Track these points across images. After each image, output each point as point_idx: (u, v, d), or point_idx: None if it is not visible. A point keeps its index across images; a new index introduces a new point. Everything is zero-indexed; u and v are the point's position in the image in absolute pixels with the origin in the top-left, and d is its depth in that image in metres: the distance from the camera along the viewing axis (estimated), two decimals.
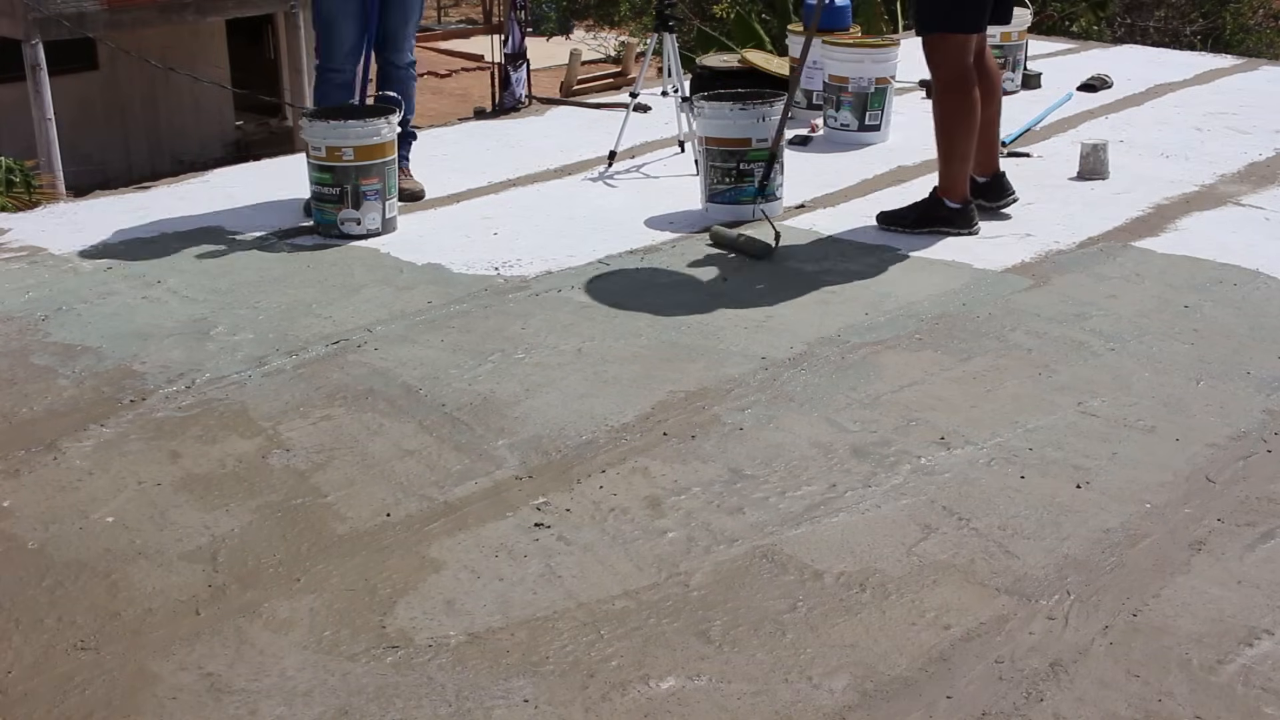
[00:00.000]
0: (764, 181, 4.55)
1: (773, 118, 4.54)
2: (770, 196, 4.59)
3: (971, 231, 4.37)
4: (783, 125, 4.55)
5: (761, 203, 4.54)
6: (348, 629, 2.31)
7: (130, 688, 2.16)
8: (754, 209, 4.53)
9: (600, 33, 22.25)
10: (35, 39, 13.70)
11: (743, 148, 4.53)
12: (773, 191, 4.60)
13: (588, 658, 2.22)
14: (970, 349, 3.45)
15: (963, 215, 4.38)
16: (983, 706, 2.09)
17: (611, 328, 3.62)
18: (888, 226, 4.44)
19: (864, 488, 2.76)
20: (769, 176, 4.56)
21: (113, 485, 2.81)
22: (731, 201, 4.57)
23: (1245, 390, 3.19)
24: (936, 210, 4.38)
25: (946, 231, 4.36)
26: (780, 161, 4.62)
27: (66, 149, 14.23)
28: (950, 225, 4.36)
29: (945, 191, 4.37)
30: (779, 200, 4.66)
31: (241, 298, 3.90)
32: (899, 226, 4.41)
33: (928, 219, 4.38)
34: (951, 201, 4.37)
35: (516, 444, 2.97)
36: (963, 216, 4.37)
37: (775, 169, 4.58)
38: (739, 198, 4.56)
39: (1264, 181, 4.93)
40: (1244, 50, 12.02)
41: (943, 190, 4.38)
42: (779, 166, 4.62)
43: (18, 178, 8.64)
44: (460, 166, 5.35)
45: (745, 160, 4.54)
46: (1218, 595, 2.37)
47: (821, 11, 5.07)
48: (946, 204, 4.37)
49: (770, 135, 4.53)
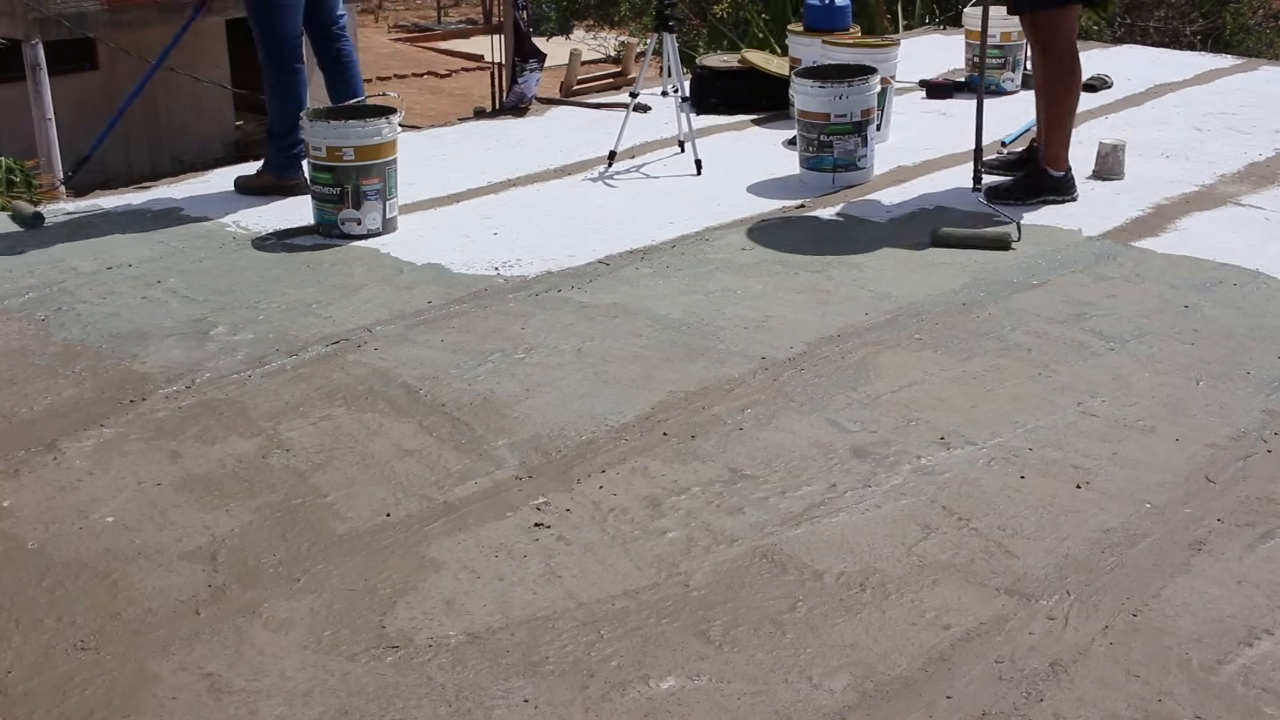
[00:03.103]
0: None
1: (850, 96, 4.89)
2: (850, 166, 4.96)
3: (1073, 198, 4.63)
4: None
5: (840, 172, 4.96)
6: (347, 629, 2.31)
7: (130, 688, 2.16)
8: (832, 177, 4.95)
9: (600, 33, 22.24)
10: (35, 39, 13.70)
11: (822, 121, 4.92)
12: (853, 162, 4.96)
13: (588, 658, 2.22)
14: (970, 349, 3.45)
15: (1065, 182, 4.63)
16: (983, 706, 2.09)
17: (611, 328, 3.62)
18: (1000, 202, 4.61)
19: (864, 488, 2.76)
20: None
21: (113, 485, 2.81)
22: (815, 168, 5.00)
23: (1245, 390, 3.19)
24: (1043, 180, 4.62)
25: (1052, 200, 4.60)
26: (865, 135, 4.97)
27: (66, 149, 14.23)
28: (1056, 193, 4.62)
29: (1050, 161, 4.63)
30: (861, 170, 5.00)
31: (241, 298, 3.90)
32: (1012, 200, 4.60)
33: (1037, 189, 4.62)
34: (1055, 170, 4.62)
35: (516, 444, 2.97)
36: (1065, 184, 4.63)
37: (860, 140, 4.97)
38: (820, 165, 4.98)
39: (1264, 181, 4.93)
40: (1244, 50, 12.01)
41: (1048, 160, 4.63)
42: (861, 139, 4.96)
43: (18, 177, 8.63)
44: (460, 166, 5.34)
45: (825, 133, 4.93)
46: (1218, 595, 2.37)
47: (822, 11, 5.15)
48: (1051, 173, 4.62)
49: (851, 113, 4.90)
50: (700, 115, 6.03)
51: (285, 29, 4.66)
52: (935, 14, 9.77)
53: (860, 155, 4.98)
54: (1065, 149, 4.61)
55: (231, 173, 5.31)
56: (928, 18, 9.70)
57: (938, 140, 5.55)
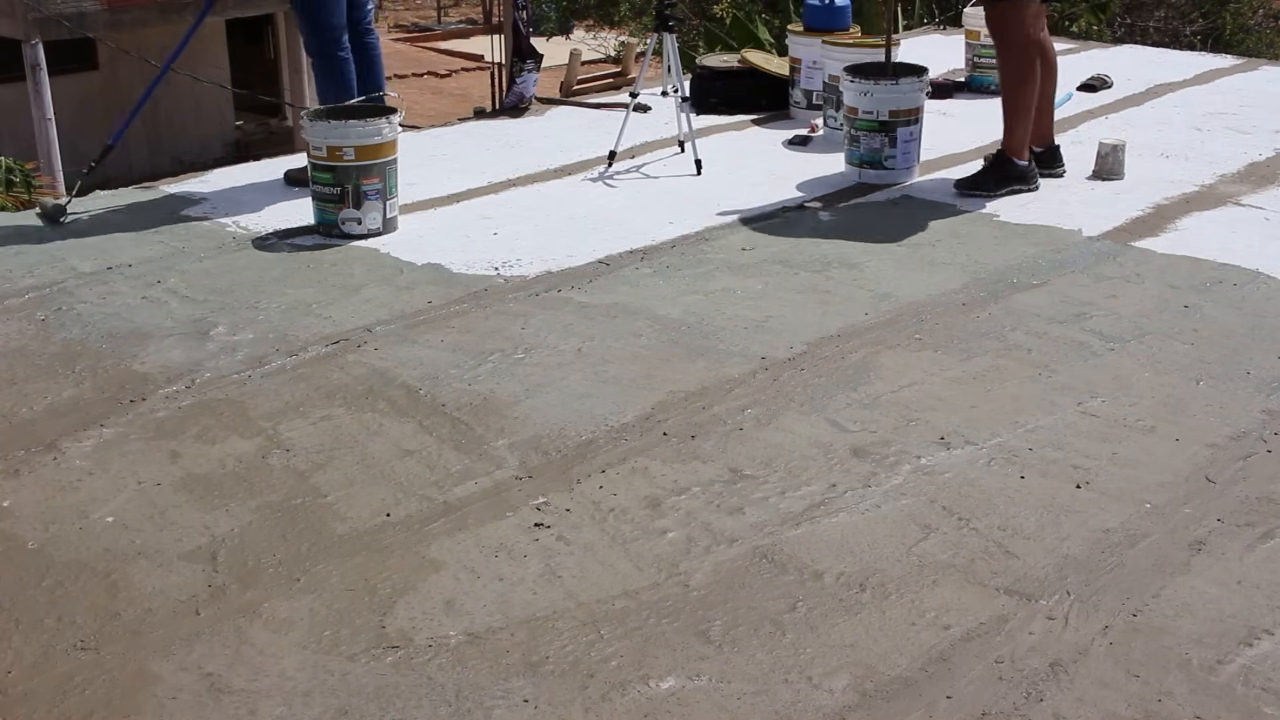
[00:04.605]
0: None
1: (877, 94, 4.93)
2: (876, 164, 5.01)
3: (1034, 187, 4.76)
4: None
5: (866, 168, 5.03)
6: (347, 629, 2.31)
7: (130, 688, 2.16)
8: (859, 172, 5.05)
9: (600, 33, 22.25)
10: (35, 39, 13.70)
11: (852, 115, 5.04)
12: (879, 160, 5.00)
13: (588, 658, 2.22)
14: (970, 349, 3.45)
15: (1028, 172, 4.76)
16: (983, 706, 2.09)
17: (611, 328, 3.62)
18: (969, 192, 4.74)
19: (864, 488, 2.76)
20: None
21: (113, 485, 2.81)
22: (849, 161, 5.13)
23: (1245, 390, 3.19)
24: (1011, 170, 4.74)
25: (1019, 189, 4.73)
26: (892, 136, 4.97)
27: (66, 149, 14.23)
28: (1022, 182, 4.74)
29: (1012, 150, 4.72)
30: (888, 170, 5.02)
31: (241, 298, 3.90)
32: (981, 191, 4.74)
33: (1006, 179, 4.74)
34: (1019, 159, 4.74)
35: (516, 444, 2.97)
36: (1028, 173, 4.76)
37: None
38: (850, 159, 5.10)
39: (1264, 181, 4.93)
40: (1244, 50, 12.01)
41: (1009, 149, 4.72)
42: (889, 140, 4.97)
43: (18, 178, 8.63)
44: (460, 166, 5.34)
45: (855, 127, 5.03)
46: (1218, 595, 2.37)
47: (822, 12, 5.18)
48: (1016, 162, 4.73)
49: (878, 111, 4.94)
50: (700, 115, 6.03)
51: (330, 19, 4.80)
52: (935, 14, 9.77)
53: (887, 156, 5.00)
54: (1026, 139, 4.72)
55: (232, 173, 5.31)
56: (927, 18, 9.70)
57: (938, 140, 5.54)
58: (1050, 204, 4.69)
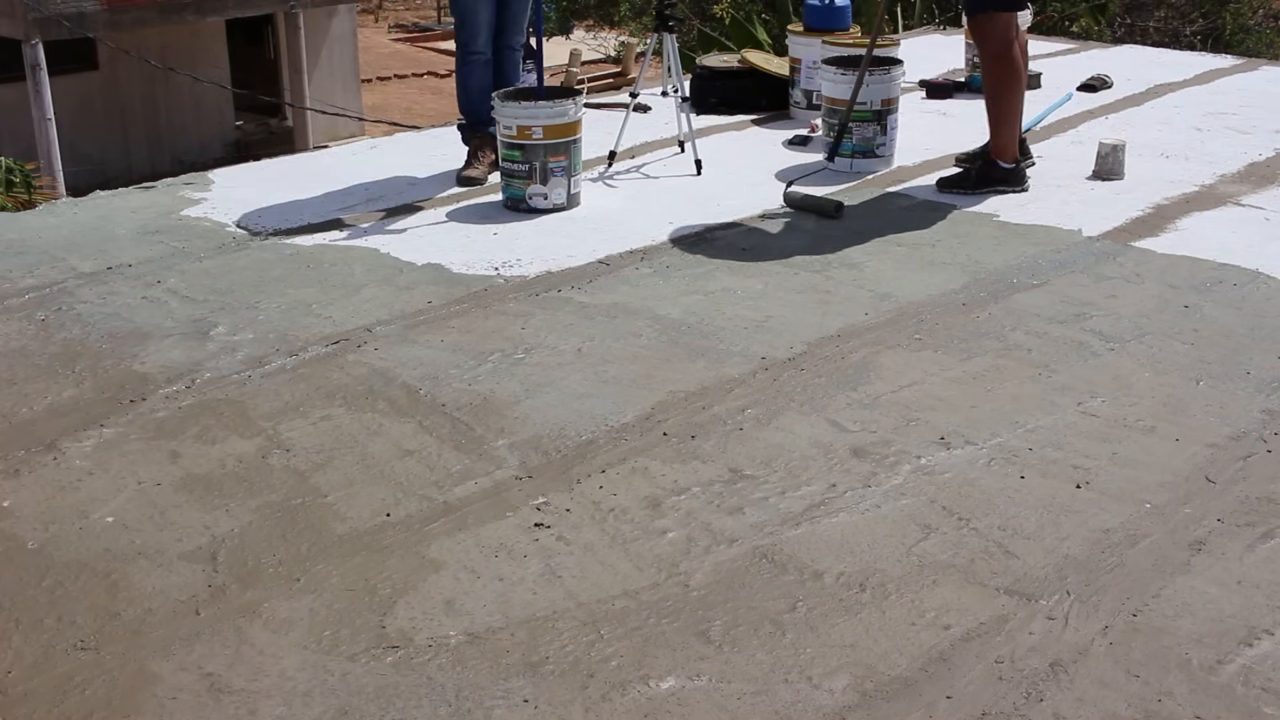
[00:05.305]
0: (833, 153, 5.15)
1: (871, 85, 5.03)
2: (868, 153, 5.14)
3: (1023, 189, 4.81)
4: (855, 94, 5.05)
5: (858, 158, 5.14)
6: (347, 629, 2.31)
7: (130, 688, 2.16)
8: (851, 162, 5.15)
9: (600, 33, 22.25)
10: (35, 39, 13.70)
11: (841, 106, 5.13)
12: (872, 149, 5.14)
13: (588, 658, 2.22)
14: (970, 349, 3.45)
15: (1015, 174, 4.81)
16: (983, 706, 2.09)
17: (611, 328, 3.62)
18: (949, 190, 4.81)
19: (864, 488, 2.76)
20: (838, 146, 5.14)
21: (113, 485, 2.81)
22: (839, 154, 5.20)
23: (1245, 390, 3.19)
24: (992, 171, 4.79)
25: (1003, 190, 4.78)
26: (883, 124, 5.15)
27: (66, 149, 14.24)
28: (1005, 184, 4.80)
29: (999, 153, 4.79)
30: (880, 158, 5.18)
31: (241, 298, 3.90)
32: (960, 190, 4.80)
33: (986, 180, 4.80)
34: (1004, 162, 4.79)
35: (516, 444, 2.97)
36: (1015, 175, 4.81)
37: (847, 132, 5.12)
38: (842, 150, 5.16)
39: (1264, 181, 4.93)
40: (1244, 50, 12.01)
41: (996, 152, 4.79)
42: (880, 128, 5.15)
43: (17, 178, 8.64)
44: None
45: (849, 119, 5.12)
46: (1218, 595, 2.37)
47: (822, 12, 5.23)
48: (1000, 165, 4.79)
49: (871, 101, 5.09)
50: (700, 115, 6.04)
51: (468, 18, 5.03)
52: (935, 14, 9.77)
53: (879, 144, 5.14)
54: (1013, 142, 4.79)
55: (231, 173, 5.31)
56: (927, 17, 9.70)
57: (938, 140, 5.55)
58: (1050, 204, 4.69)
